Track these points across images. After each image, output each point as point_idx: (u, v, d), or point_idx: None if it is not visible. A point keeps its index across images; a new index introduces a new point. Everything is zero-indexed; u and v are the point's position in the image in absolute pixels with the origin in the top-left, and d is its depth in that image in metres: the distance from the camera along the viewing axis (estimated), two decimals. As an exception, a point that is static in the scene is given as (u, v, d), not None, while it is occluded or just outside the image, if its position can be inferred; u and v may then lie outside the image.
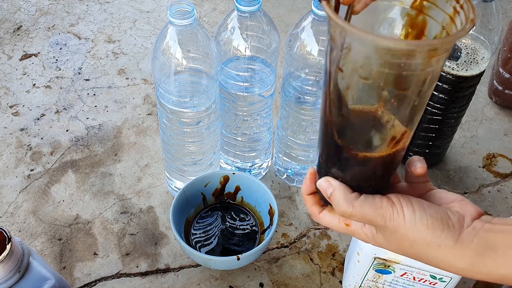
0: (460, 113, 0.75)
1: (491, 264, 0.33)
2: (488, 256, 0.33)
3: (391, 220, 0.34)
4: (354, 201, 0.35)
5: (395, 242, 0.35)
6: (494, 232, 0.34)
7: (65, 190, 0.80)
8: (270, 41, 0.65)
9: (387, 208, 0.34)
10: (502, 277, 0.34)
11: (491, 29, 0.67)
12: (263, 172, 0.83)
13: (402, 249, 0.36)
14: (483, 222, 0.34)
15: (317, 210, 0.39)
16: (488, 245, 0.33)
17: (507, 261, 0.33)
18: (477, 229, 0.34)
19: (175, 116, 0.66)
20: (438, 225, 0.34)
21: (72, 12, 1.18)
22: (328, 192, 0.36)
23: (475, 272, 0.34)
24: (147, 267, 0.71)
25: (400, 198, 0.35)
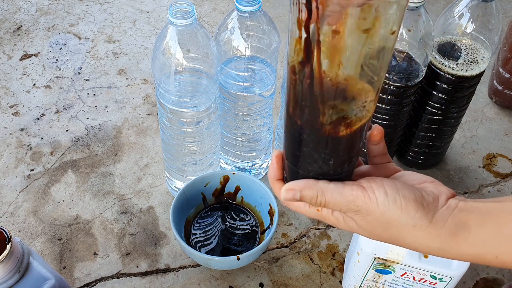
0: (460, 113, 0.75)
1: (463, 244, 0.33)
2: (462, 235, 0.33)
3: (363, 205, 0.34)
4: (325, 191, 0.35)
5: (367, 226, 0.35)
6: (467, 211, 0.33)
7: (65, 190, 0.80)
8: (270, 41, 0.65)
9: (358, 195, 0.34)
10: (473, 256, 0.34)
11: (491, 29, 0.67)
12: (263, 172, 0.83)
13: (375, 234, 0.36)
14: (457, 201, 0.34)
15: None
16: (462, 225, 0.33)
17: (479, 241, 0.33)
18: (452, 208, 0.34)
19: (175, 116, 0.66)
20: (412, 205, 0.33)
21: (72, 12, 1.18)
22: (297, 197, 0.36)
23: (449, 252, 0.34)
24: (147, 267, 0.71)
25: (371, 182, 0.34)
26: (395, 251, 0.57)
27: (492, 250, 0.33)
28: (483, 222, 0.33)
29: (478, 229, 0.33)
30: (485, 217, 0.33)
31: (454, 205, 0.34)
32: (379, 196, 0.34)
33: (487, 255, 0.33)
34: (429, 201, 0.34)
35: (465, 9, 0.66)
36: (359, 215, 0.35)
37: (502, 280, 0.71)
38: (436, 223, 0.33)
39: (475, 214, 0.33)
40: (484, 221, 0.33)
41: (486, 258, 0.33)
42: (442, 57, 0.69)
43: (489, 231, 0.33)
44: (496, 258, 0.33)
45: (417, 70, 0.67)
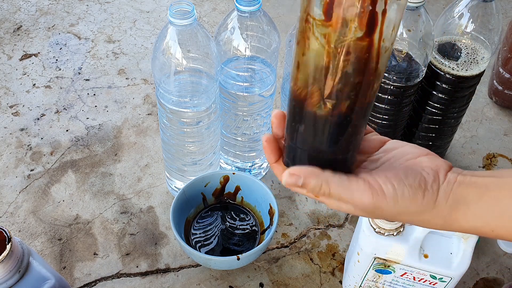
0: (460, 113, 0.75)
1: (462, 218, 0.34)
2: (461, 210, 0.34)
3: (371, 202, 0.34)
4: (330, 182, 0.34)
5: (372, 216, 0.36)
6: (465, 185, 0.34)
7: (65, 190, 0.80)
8: (270, 41, 0.65)
9: (365, 191, 0.34)
10: (472, 229, 0.35)
11: (491, 29, 0.67)
12: (263, 172, 0.83)
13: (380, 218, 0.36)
14: (456, 174, 0.35)
15: None
16: (460, 199, 0.34)
17: (477, 213, 0.34)
18: (451, 183, 0.34)
19: (175, 116, 0.66)
20: (419, 193, 0.34)
21: (72, 12, 1.18)
22: (299, 183, 0.35)
23: (450, 226, 0.35)
24: (147, 267, 0.71)
25: (375, 176, 0.34)
26: (395, 251, 0.57)
27: (489, 224, 0.34)
28: (480, 197, 0.34)
29: (475, 204, 0.34)
30: (482, 192, 0.34)
31: (453, 179, 0.35)
32: (387, 192, 0.34)
33: (484, 228, 0.34)
34: (431, 181, 0.34)
35: (465, 9, 0.66)
36: (365, 212, 0.35)
37: (502, 280, 0.71)
38: (439, 202, 0.34)
39: (473, 188, 0.34)
40: (481, 196, 0.34)
41: (483, 231, 0.35)
42: (442, 57, 0.69)
43: (486, 206, 0.34)
44: (492, 232, 0.34)
45: (417, 70, 0.67)
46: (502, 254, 0.74)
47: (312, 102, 0.33)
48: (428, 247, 0.58)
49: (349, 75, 0.31)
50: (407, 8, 0.63)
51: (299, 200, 0.80)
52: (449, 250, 0.57)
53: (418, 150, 0.37)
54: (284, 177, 0.35)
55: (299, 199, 0.80)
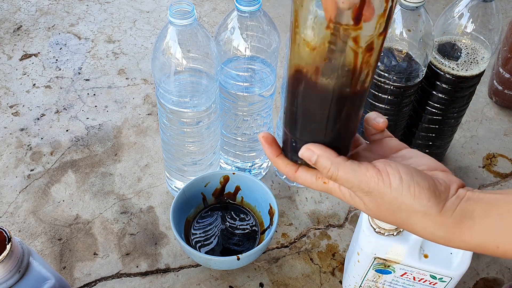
0: (460, 113, 0.75)
1: (467, 233, 0.34)
2: (466, 225, 0.34)
3: (376, 188, 0.34)
4: (340, 165, 0.35)
5: (376, 208, 0.35)
6: (473, 202, 0.34)
7: (65, 190, 0.80)
8: (270, 41, 0.65)
9: (372, 176, 0.34)
10: (475, 246, 0.34)
11: (491, 29, 0.67)
12: (263, 172, 0.83)
13: (382, 216, 0.36)
14: (465, 191, 0.35)
15: (293, 169, 0.38)
16: (467, 215, 0.34)
17: (482, 231, 0.33)
18: (460, 198, 0.34)
19: (175, 116, 0.66)
20: (426, 194, 0.34)
21: (72, 12, 1.18)
22: (313, 159, 0.35)
23: (452, 241, 0.35)
24: (147, 267, 0.71)
25: (386, 165, 0.34)
26: (395, 251, 0.57)
27: (494, 240, 0.33)
28: (487, 213, 0.33)
29: (481, 220, 0.33)
30: (489, 208, 0.33)
31: (462, 194, 0.35)
32: (393, 181, 0.34)
33: (489, 245, 0.34)
34: (441, 190, 0.34)
35: (465, 9, 0.66)
36: (370, 196, 0.35)
37: (502, 280, 0.71)
38: (445, 212, 0.34)
39: (480, 204, 0.34)
40: (488, 211, 0.33)
41: (488, 248, 0.34)
42: (442, 57, 0.69)
43: (492, 221, 0.33)
44: (497, 248, 0.34)
45: (417, 70, 0.67)
46: (502, 254, 0.74)
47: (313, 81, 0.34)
48: (428, 247, 0.58)
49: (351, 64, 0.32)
50: (407, 8, 0.63)
51: (299, 200, 0.80)
52: (449, 250, 0.57)
53: (436, 165, 0.37)
54: (301, 151, 0.36)
55: (299, 199, 0.80)
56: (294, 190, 0.82)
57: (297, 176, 0.38)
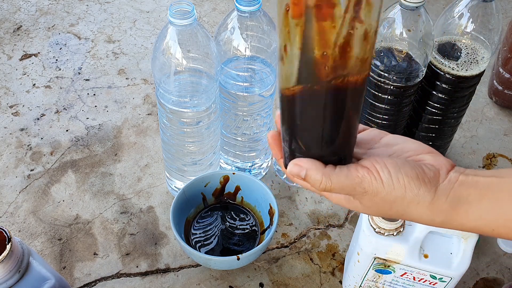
0: (460, 113, 0.75)
1: (464, 216, 0.35)
2: (462, 209, 0.35)
3: (370, 187, 0.34)
4: (331, 175, 0.35)
5: (373, 206, 0.36)
6: (467, 185, 0.35)
7: (65, 190, 0.80)
8: (270, 41, 0.65)
9: (364, 176, 0.34)
10: (472, 228, 0.35)
11: (491, 29, 0.67)
12: (263, 172, 0.83)
13: (381, 212, 0.36)
14: (458, 174, 0.35)
15: None
16: (462, 199, 0.34)
17: (478, 213, 0.34)
18: (452, 182, 0.35)
19: (175, 116, 0.66)
20: (415, 183, 0.34)
21: (72, 12, 1.18)
22: (301, 175, 0.36)
23: (450, 224, 0.36)
24: (147, 267, 0.71)
25: (373, 162, 0.35)
26: (395, 251, 0.57)
27: (489, 224, 0.35)
28: (481, 198, 0.34)
29: (477, 204, 0.34)
30: (484, 193, 0.34)
31: (454, 178, 0.35)
32: (383, 177, 0.34)
33: (485, 227, 0.35)
34: (430, 177, 0.35)
35: (465, 9, 0.66)
36: (366, 195, 0.35)
37: (502, 280, 0.71)
38: (438, 198, 0.34)
39: (475, 188, 0.35)
40: (482, 196, 0.34)
41: (484, 230, 0.35)
42: (442, 57, 0.69)
43: (487, 206, 0.34)
44: (492, 231, 0.35)
45: (417, 70, 0.67)
46: (502, 254, 0.74)
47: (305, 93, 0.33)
48: (428, 247, 0.58)
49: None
50: (407, 8, 0.63)
51: (299, 200, 0.80)
52: (449, 250, 0.57)
53: (421, 148, 0.38)
54: (288, 168, 0.36)
55: (299, 199, 0.80)
56: (294, 190, 0.82)
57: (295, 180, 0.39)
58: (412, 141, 0.38)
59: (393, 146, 0.38)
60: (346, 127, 0.34)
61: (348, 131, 0.35)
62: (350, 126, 0.35)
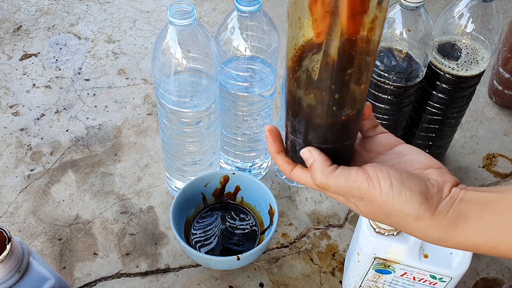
0: (460, 113, 0.75)
1: (462, 234, 0.34)
2: (460, 226, 0.34)
3: (366, 193, 0.34)
4: (329, 176, 0.35)
5: (368, 212, 0.36)
6: (467, 202, 0.34)
7: (65, 190, 0.80)
8: (270, 41, 0.65)
9: (362, 182, 0.34)
10: (470, 246, 0.34)
11: (491, 29, 0.67)
12: (263, 172, 0.83)
13: (376, 218, 0.36)
14: (459, 190, 0.35)
15: (290, 167, 0.39)
16: (461, 216, 0.34)
17: (476, 231, 0.34)
18: (453, 199, 0.34)
19: (175, 116, 0.66)
20: (417, 198, 0.34)
21: (72, 12, 1.18)
22: (309, 162, 0.36)
23: (446, 242, 0.35)
24: (147, 267, 0.71)
25: (377, 170, 0.35)
26: (395, 251, 0.57)
27: (488, 241, 0.34)
28: (481, 213, 0.33)
29: (476, 220, 0.33)
30: (484, 208, 0.33)
31: (456, 195, 0.34)
32: (384, 187, 0.34)
33: (484, 245, 0.34)
34: (433, 193, 0.34)
35: (465, 9, 0.66)
36: (362, 201, 0.35)
37: (502, 280, 0.71)
38: (438, 215, 0.34)
39: (474, 205, 0.34)
40: (482, 212, 0.33)
41: (482, 248, 0.34)
42: (442, 57, 0.69)
43: (486, 222, 0.33)
44: (492, 248, 0.34)
45: (417, 70, 0.67)
46: (502, 254, 0.74)
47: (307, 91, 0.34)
48: (428, 247, 0.58)
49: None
50: (407, 8, 0.63)
51: (299, 200, 0.80)
52: (449, 250, 0.57)
53: (431, 162, 0.37)
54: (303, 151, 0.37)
55: (299, 199, 0.80)
56: (294, 190, 0.82)
57: (292, 174, 0.39)
58: (424, 155, 0.38)
59: (404, 157, 0.38)
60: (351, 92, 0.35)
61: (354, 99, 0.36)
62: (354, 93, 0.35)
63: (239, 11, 0.62)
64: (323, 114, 0.35)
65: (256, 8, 0.62)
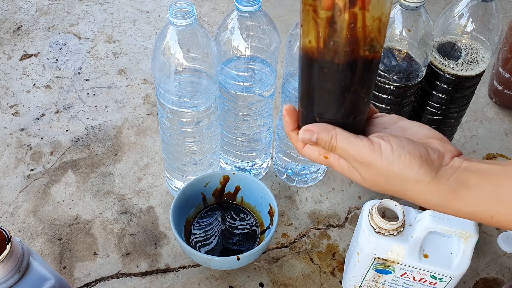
0: (460, 113, 0.75)
1: (461, 201, 0.35)
2: (460, 193, 0.35)
3: (367, 158, 0.35)
4: (338, 135, 0.37)
5: (370, 178, 0.37)
6: (470, 171, 0.35)
7: (65, 190, 0.80)
8: (270, 41, 0.65)
9: (364, 146, 0.36)
10: (470, 214, 0.35)
11: (491, 29, 0.67)
12: (263, 172, 0.83)
13: (377, 185, 0.37)
14: (462, 160, 0.36)
15: (301, 144, 0.41)
16: (462, 183, 0.34)
17: (476, 199, 0.34)
18: (455, 168, 0.35)
19: (175, 116, 0.66)
20: (417, 161, 0.35)
21: (72, 12, 1.18)
22: (313, 139, 0.38)
23: (447, 208, 0.36)
24: (147, 267, 0.71)
25: (379, 139, 0.36)
26: (395, 251, 0.57)
27: (488, 209, 0.34)
28: (482, 182, 0.34)
29: (476, 188, 0.34)
30: (485, 178, 0.34)
31: (458, 164, 0.35)
32: (384, 151, 0.35)
33: (483, 213, 0.35)
34: (434, 158, 0.35)
35: (465, 9, 0.66)
36: (364, 166, 0.36)
37: (502, 280, 0.71)
38: (439, 179, 0.35)
39: (476, 174, 0.35)
40: (483, 181, 0.34)
41: (482, 216, 0.35)
42: (442, 57, 0.69)
43: (487, 190, 0.34)
44: (491, 218, 0.34)
45: (417, 70, 0.67)
46: (502, 254, 0.74)
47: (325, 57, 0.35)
48: (428, 247, 0.58)
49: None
50: (407, 8, 0.63)
51: (299, 200, 0.80)
52: (449, 250, 0.57)
53: (433, 134, 0.38)
54: (300, 134, 0.38)
55: (299, 199, 0.80)
56: (294, 190, 0.82)
57: (304, 152, 0.41)
58: (427, 128, 0.39)
59: (407, 129, 0.39)
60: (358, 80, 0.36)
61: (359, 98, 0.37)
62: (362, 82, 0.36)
63: (239, 11, 0.62)
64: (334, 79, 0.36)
65: (256, 8, 0.62)
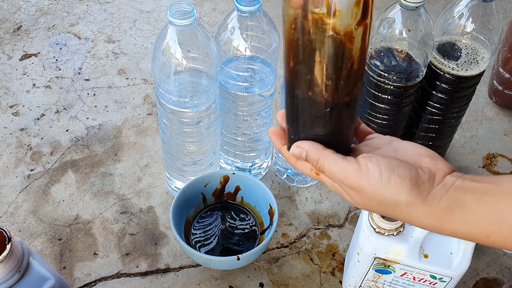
0: (460, 113, 0.75)
1: (457, 222, 0.34)
2: (456, 213, 0.34)
3: (355, 183, 0.35)
4: (326, 157, 0.36)
5: (361, 201, 0.36)
6: (464, 191, 0.34)
7: (65, 190, 0.80)
8: (270, 41, 0.65)
9: (352, 170, 0.35)
10: (465, 235, 0.34)
11: (491, 29, 0.67)
12: (263, 172, 0.83)
13: (369, 207, 0.37)
14: (455, 178, 0.35)
15: (294, 159, 0.40)
16: (457, 203, 0.34)
17: (473, 220, 0.34)
18: (448, 186, 0.34)
19: (175, 116, 0.66)
20: (407, 184, 0.34)
21: (72, 12, 1.18)
22: (303, 155, 0.37)
23: (442, 229, 0.35)
24: (147, 267, 0.71)
25: (367, 160, 0.35)
26: (395, 251, 0.57)
27: (484, 230, 0.33)
28: (477, 202, 0.33)
29: (472, 209, 0.33)
30: (480, 198, 0.33)
31: (450, 183, 0.35)
32: (372, 176, 0.34)
33: (479, 234, 0.34)
34: (424, 179, 0.34)
35: (465, 9, 0.66)
36: (352, 190, 0.36)
37: (502, 280, 0.71)
38: (430, 201, 0.34)
39: (471, 193, 0.34)
40: (479, 201, 0.33)
41: (477, 237, 0.34)
42: (442, 57, 0.69)
43: (483, 211, 0.33)
44: (487, 238, 0.34)
45: (417, 70, 0.67)
46: (502, 254, 0.74)
47: (304, 86, 0.35)
48: (428, 247, 0.58)
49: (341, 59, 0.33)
50: (407, 8, 0.63)
51: (299, 200, 0.80)
52: (449, 250, 0.57)
53: (424, 151, 0.37)
54: (291, 149, 0.38)
55: (299, 199, 0.80)
56: (294, 190, 0.82)
57: (297, 167, 0.40)
58: (419, 146, 0.38)
59: (399, 149, 0.38)
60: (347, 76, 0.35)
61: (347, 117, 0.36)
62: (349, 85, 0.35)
63: (239, 11, 0.62)
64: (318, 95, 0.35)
65: (256, 8, 0.62)
